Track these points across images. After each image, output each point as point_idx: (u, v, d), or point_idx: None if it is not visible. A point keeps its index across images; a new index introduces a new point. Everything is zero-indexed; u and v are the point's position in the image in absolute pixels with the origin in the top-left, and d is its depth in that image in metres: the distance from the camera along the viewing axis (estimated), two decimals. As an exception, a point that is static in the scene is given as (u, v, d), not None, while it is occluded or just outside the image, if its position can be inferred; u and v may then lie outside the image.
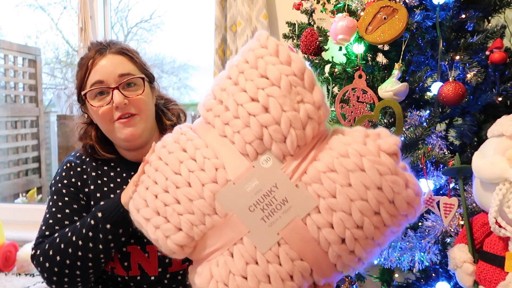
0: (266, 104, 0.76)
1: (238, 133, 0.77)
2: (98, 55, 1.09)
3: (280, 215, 0.75)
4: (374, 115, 1.13)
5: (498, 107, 1.21)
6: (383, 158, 0.74)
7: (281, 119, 0.75)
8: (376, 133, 0.79)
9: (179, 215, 0.79)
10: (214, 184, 0.77)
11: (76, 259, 1.01)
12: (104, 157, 1.15)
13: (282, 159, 0.77)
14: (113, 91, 1.06)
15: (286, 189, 0.76)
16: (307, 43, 1.28)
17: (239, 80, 0.79)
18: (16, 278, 2.03)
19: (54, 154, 4.12)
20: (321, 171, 0.75)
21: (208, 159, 0.79)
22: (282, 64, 0.77)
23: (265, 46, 0.80)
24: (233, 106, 0.77)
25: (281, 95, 0.75)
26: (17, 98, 3.64)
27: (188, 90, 4.64)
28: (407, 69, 1.22)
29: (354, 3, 1.17)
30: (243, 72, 0.79)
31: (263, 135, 0.76)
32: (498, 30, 1.15)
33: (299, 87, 0.77)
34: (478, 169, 0.93)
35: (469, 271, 0.97)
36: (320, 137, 0.80)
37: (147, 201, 0.83)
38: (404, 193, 0.74)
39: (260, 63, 0.78)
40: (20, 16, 4.13)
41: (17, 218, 2.45)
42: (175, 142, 0.84)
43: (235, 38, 2.08)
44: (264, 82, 0.76)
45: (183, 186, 0.79)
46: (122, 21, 4.52)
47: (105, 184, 1.14)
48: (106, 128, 1.10)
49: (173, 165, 0.81)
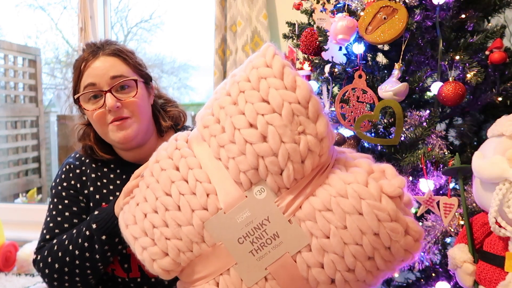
0: (264, 133, 0.71)
1: (233, 160, 0.73)
2: (91, 57, 1.07)
3: (270, 250, 0.72)
4: (374, 115, 1.13)
5: (498, 107, 1.21)
6: (384, 203, 0.70)
7: (279, 150, 0.70)
8: (381, 170, 0.74)
9: (167, 239, 0.76)
10: (204, 211, 0.74)
11: (74, 267, 1.02)
12: (103, 158, 1.15)
13: (277, 191, 0.73)
14: (105, 94, 1.04)
15: (278, 223, 0.72)
16: (307, 43, 1.28)
17: (239, 100, 0.74)
18: (16, 278, 2.03)
19: (54, 154, 4.12)
20: (317, 209, 0.71)
21: (200, 183, 0.75)
22: (286, 89, 0.72)
23: (270, 65, 0.74)
24: (230, 129, 0.73)
25: (281, 124, 0.71)
26: (17, 98, 3.64)
27: (188, 90, 4.64)
28: (407, 69, 1.22)
29: (354, 3, 1.17)
30: (244, 92, 0.74)
31: (259, 165, 0.72)
32: (498, 30, 1.15)
33: (302, 116, 0.72)
34: (478, 169, 0.93)
35: (469, 271, 0.97)
36: (321, 168, 0.75)
37: (136, 218, 0.80)
38: (402, 240, 0.70)
39: (263, 85, 0.73)
40: (20, 16, 4.13)
41: (17, 218, 2.45)
42: (168, 157, 0.81)
43: (235, 38, 2.08)
44: (264, 107, 0.71)
45: (172, 210, 0.76)
46: (122, 21, 4.52)
47: (104, 186, 1.14)
48: (101, 131, 1.10)
49: (165, 184, 0.78)
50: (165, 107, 1.22)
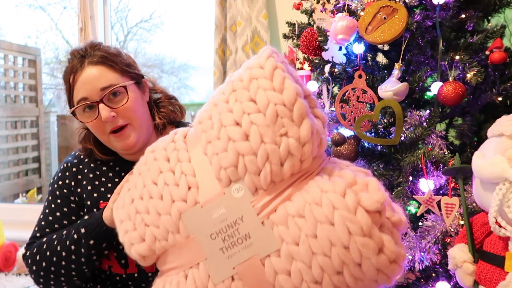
0: (247, 131, 0.71)
1: (216, 156, 0.74)
2: (78, 66, 1.07)
3: (240, 249, 0.72)
4: (374, 115, 1.13)
5: (498, 107, 1.21)
6: (358, 216, 0.67)
7: (258, 150, 0.70)
8: (364, 183, 0.72)
9: (146, 226, 0.77)
10: (183, 203, 0.75)
11: (60, 267, 1.04)
12: (103, 159, 1.16)
13: (254, 191, 0.73)
14: (98, 106, 1.05)
15: (251, 224, 0.72)
16: (307, 43, 1.28)
17: (230, 98, 0.75)
18: (16, 278, 2.03)
19: (54, 154, 4.12)
20: (290, 214, 0.70)
21: (185, 176, 0.76)
22: (274, 90, 0.72)
23: (262, 66, 0.74)
24: (218, 126, 0.74)
25: (264, 124, 0.70)
26: (17, 98, 3.64)
27: (188, 90, 4.65)
28: (407, 69, 1.22)
29: (354, 3, 1.17)
30: (236, 91, 0.75)
31: (238, 163, 0.71)
32: (498, 30, 1.15)
33: (286, 119, 0.71)
34: (478, 169, 0.93)
35: (469, 271, 0.97)
36: (303, 174, 0.74)
37: (124, 203, 0.83)
38: (374, 259, 0.67)
39: (253, 85, 0.73)
40: (20, 16, 4.13)
41: (17, 218, 2.45)
42: (163, 149, 0.83)
43: (235, 38, 2.08)
44: (251, 107, 0.72)
45: (155, 198, 0.77)
46: (122, 21, 4.52)
47: (102, 184, 1.14)
48: (103, 139, 1.11)
49: (153, 173, 0.80)
50: (159, 104, 1.21)
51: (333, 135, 1.20)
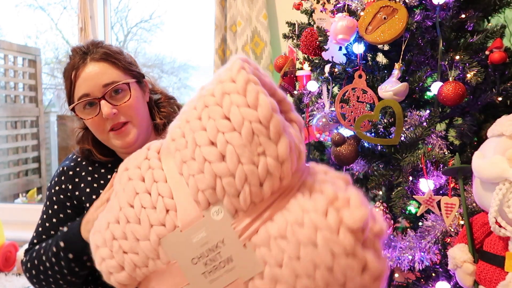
0: (223, 152, 0.68)
1: (193, 177, 0.71)
2: (80, 63, 1.06)
3: (222, 273, 0.70)
4: (374, 115, 1.13)
5: (498, 107, 1.21)
6: (341, 236, 0.65)
7: (236, 172, 0.67)
8: (345, 199, 0.69)
9: (124, 253, 0.74)
10: (162, 227, 0.72)
11: (47, 276, 1.05)
12: (102, 160, 1.15)
13: (234, 213, 0.71)
14: (100, 102, 1.04)
15: (233, 247, 0.70)
16: (307, 43, 1.28)
17: (203, 115, 0.71)
18: (16, 278, 2.03)
19: (54, 154, 4.12)
20: (272, 235, 0.68)
21: (162, 198, 0.73)
22: (249, 107, 0.68)
23: (234, 80, 0.71)
24: (192, 146, 0.71)
25: (240, 144, 0.67)
26: (17, 98, 3.64)
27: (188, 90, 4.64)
28: (407, 69, 1.22)
29: (354, 3, 1.17)
30: (208, 107, 0.72)
31: (216, 185, 0.69)
32: (498, 30, 1.15)
33: (263, 137, 0.68)
34: (478, 169, 0.93)
35: (469, 271, 0.97)
36: (284, 191, 0.72)
37: (100, 226, 0.79)
38: (358, 279, 0.66)
39: (226, 101, 0.70)
40: (20, 16, 4.13)
41: (17, 218, 2.45)
42: (137, 167, 0.79)
43: (235, 38, 2.08)
44: (225, 125, 0.68)
45: (133, 222, 0.74)
46: (122, 21, 4.52)
47: (101, 187, 1.14)
48: (101, 138, 1.10)
49: (129, 194, 0.76)
50: (159, 105, 1.21)
51: (333, 135, 1.19)
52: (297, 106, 1.48)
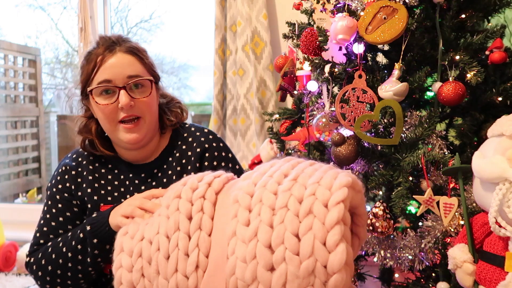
0: (276, 266, 0.65)
1: (236, 258, 0.68)
2: (107, 52, 1.07)
3: None
4: (374, 115, 1.13)
5: (498, 107, 1.21)
6: None
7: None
8: None
9: (142, 276, 0.74)
10: (185, 279, 0.72)
11: (66, 270, 1.03)
12: (103, 153, 1.14)
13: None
14: (119, 91, 1.05)
15: None
16: (307, 43, 1.28)
17: (277, 207, 0.68)
18: (16, 278, 2.03)
19: (54, 154, 4.12)
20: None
21: (198, 251, 0.72)
22: (324, 246, 0.65)
23: (329, 207, 0.67)
24: (252, 230, 0.68)
25: (294, 273, 0.65)
26: (17, 98, 3.64)
27: (188, 90, 4.64)
28: (407, 69, 1.22)
29: (354, 3, 1.17)
30: (288, 210, 0.68)
31: (251, 284, 0.67)
32: (498, 30, 1.15)
33: (318, 280, 0.65)
34: (478, 169, 0.93)
35: (469, 271, 0.97)
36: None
37: (136, 234, 0.78)
38: None
39: (306, 222, 0.66)
40: (20, 16, 4.14)
41: (17, 218, 2.45)
42: (189, 201, 0.77)
43: (235, 38, 2.08)
44: (294, 245, 0.65)
45: (162, 254, 0.73)
46: (122, 21, 4.53)
47: (102, 187, 1.14)
48: (109, 128, 1.10)
49: (170, 226, 0.75)
50: (170, 106, 1.23)
51: (333, 135, 1.19)
52: (297, 106, 1.48)
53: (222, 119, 2.15)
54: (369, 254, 1.20)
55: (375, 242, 1.18)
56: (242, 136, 2.13)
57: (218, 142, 1.19)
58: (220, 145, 1.19)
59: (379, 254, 1.16)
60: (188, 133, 1.20)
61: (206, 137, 1.18)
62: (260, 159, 1.63)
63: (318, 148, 1.50)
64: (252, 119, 2.07)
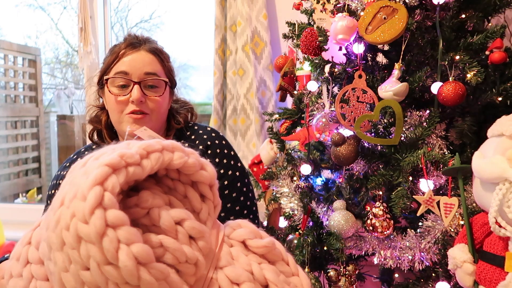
0: None
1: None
2: (131, 48, 1.12)
3: None
4: (374, 115, 1.13)
5: (498, 107, 1.21)
6: None
7: None
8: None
9: None
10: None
11: None
12: (109, 144, 1.16)
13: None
14: (134, 85, 1.08)
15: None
16: (307, 43, 1.28)
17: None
18: (16, 278, 2.02)
19: (54, 154, 4.12)
20: None
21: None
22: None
23: (87, 220, 0.49)
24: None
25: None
26: (17, 98, 3.64)
27: (188, 90, 4.64)
28: (407, 69, 1.22)
29: (354, 3, 1.17)
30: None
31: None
32: (498, 30, 1.15)
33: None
34: (478, 169, 0.93)
35: (469, 271, 0.97)
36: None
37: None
38: None
39: (82, 250, 0.50)
40: (20, 16, 4.13)
41: (17, 218, 2.45)
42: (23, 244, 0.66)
43: (235, 38, 2.08)
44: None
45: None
46: (122, 21, 4.52)
47: None
48: (116, 118, 1.13)
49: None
50: (180, 110, 1.26)
51: (333, 135, 1.19)
52: (297, 106, 1.48)
53: (222, 119, 2.15)
54: (369, 254, 1.20)
55: (375, 242, 1.18)
56: (242, 136, 2.13)
57: (220, 140, 1.20)
58: (223, 142, 1.20)
59: (379, 254, 1.16)
60: (192, 132, 1.22)
61: (208, 135, 1.20)
62: (260, 159, 1.63)
63: (318, 148, 1.50)
64: (252, 119, 2.07)
